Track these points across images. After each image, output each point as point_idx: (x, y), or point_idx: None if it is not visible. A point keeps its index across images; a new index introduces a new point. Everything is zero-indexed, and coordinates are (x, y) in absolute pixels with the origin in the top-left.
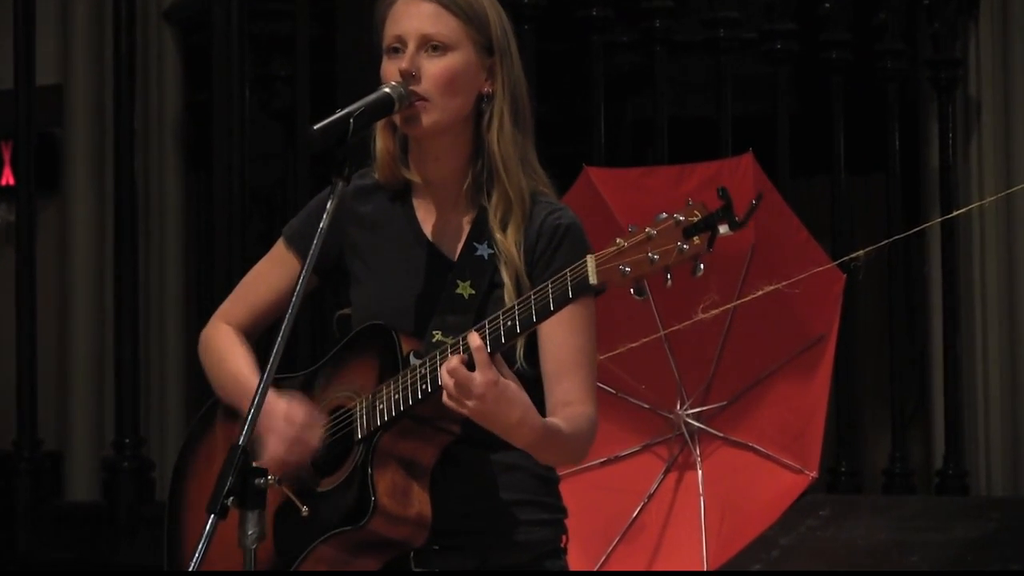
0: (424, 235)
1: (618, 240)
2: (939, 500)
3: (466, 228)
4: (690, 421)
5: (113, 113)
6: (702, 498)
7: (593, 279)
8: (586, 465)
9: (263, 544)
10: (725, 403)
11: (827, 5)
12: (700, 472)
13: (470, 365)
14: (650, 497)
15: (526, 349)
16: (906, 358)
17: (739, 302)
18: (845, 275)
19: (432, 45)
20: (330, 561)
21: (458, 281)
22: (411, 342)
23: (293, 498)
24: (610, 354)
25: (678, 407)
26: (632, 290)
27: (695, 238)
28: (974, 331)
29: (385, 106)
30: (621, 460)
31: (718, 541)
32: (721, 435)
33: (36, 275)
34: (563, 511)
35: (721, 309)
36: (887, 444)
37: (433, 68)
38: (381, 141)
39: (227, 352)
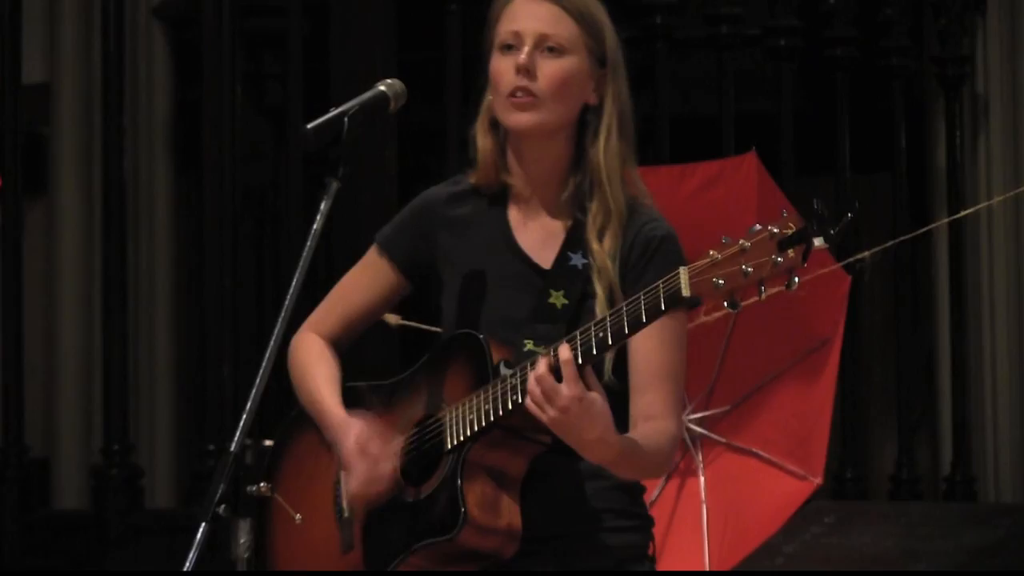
0: (515, 242)
1: (711, 252)
2: (947, 507)
3: (561, 237)
4: (692, 426)
5: (101, 112)
6: (704, 505)
7: (686, 291)
8: None
9: (351, 554)
10: (728, 408)
11: (832, 1)
12: (702, 479)
13: (558, 375)
14: (651, 504)
15: (615, 362)
16: (913, 361)
17: (742, 305)
18: (850, 277)
19: (549, 46)
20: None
21: (551, 290)
22: (502, 351)
23: (285, 506)
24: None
25: None
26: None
27: (790, 251)
28: (982, 334)
29: (381, 104)
30: None
31: (721, 549)
32: (724, 441)
33: (23, 277)
34: (650, 520)
35: (723, 312)
36: (893, 449)
37: (548, 68)
38: (483, 140)
39: (311, 366)
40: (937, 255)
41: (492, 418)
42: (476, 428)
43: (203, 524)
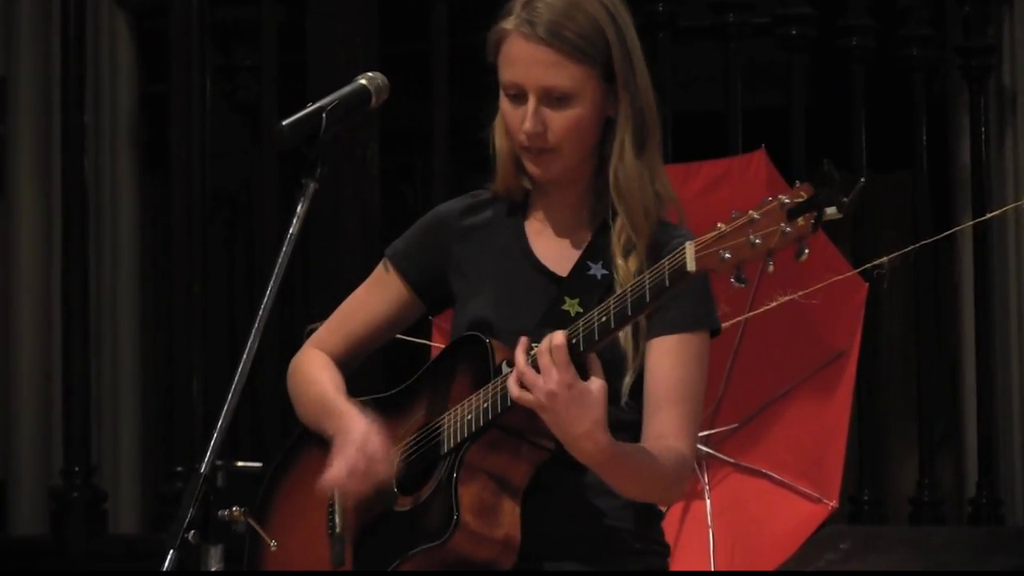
0: (530, 249)
1: (719, 225)
2: (972, 531)
3: (581, 245)
4: (697, 446)
5: (61, 107)
6: (711, 530)
7: (691, 265)
8: None
9: (344, 569)
10: (736, 426)
11: None
12: (708, 502)
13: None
14: None
15: (633, 388)
16: (935, 375)
17: (751, 314)
18: (868, 284)
19: (555, 97)
20: None
21: (566, 297)
22: (505, 351)
23: (261, 532)
24: None
25: None
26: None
27: (799, 219)
28: (1009, 345)
29: (361, 100)
30: None
31: None
32: (731, 461)
33: None
34: (667, 547)
35: (731, 322)
36: (914, 470)
37: (559, 121)
38: (501, 142)
39: (316, 375)
40: (961, 260)
41: (490, 416)
42: (474, 428)
43: (171, 551)
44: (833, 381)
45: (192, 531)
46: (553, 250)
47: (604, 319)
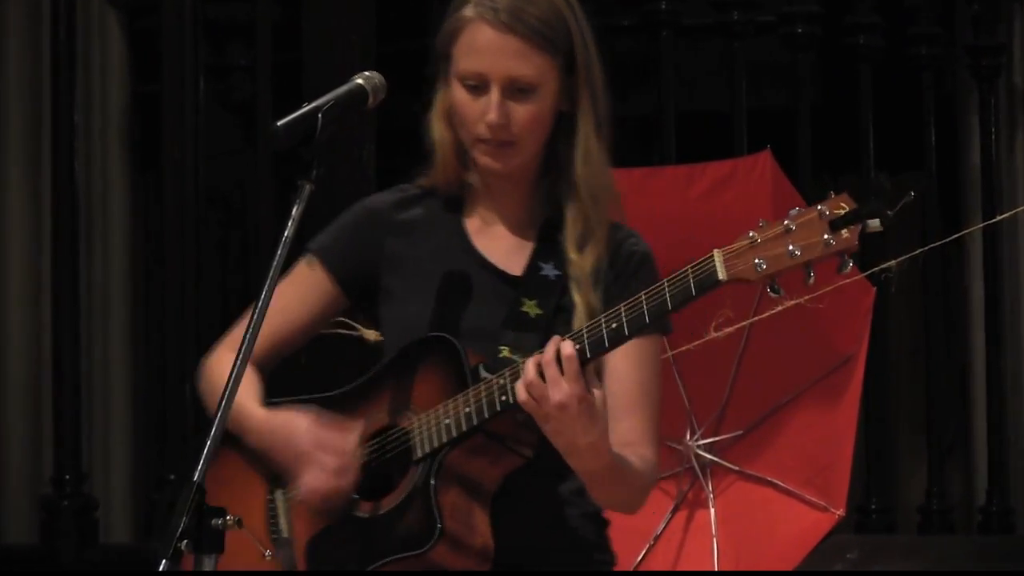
0: (474, 248)
1: (751, 233)
2: (982, 540)
3: (530, 244)
4: (701, 453)
5: (51, 107)
6: (715, 539)
7: (723, 275)
8: None
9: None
10: (740, 432)
11: None
12: (713, 510)
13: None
14: (656, 538)
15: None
16: (944, 381)
17: (756, 319)
18: (875, 288)
19: (519, 88)
20: None
21: (524, 299)
22: (476, 356)
23: (255, 542)
24: None
25: (687, 437)
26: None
27: (844, 231)
28: (1020, 350)
29: (358, 99)
30: None
31: None
32: (736, 468)
33: None
34: (615, 557)
35: (736, 327)
36: (923, 478)
37: (522, 113)
38: (441, 133)
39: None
40: (971, 263)
41: (475, 421)
42: (455, 434)
43: (163, 560)
44: (840, 387)
45: (185, 540)
46: (499, 249)
47: (615, 326)
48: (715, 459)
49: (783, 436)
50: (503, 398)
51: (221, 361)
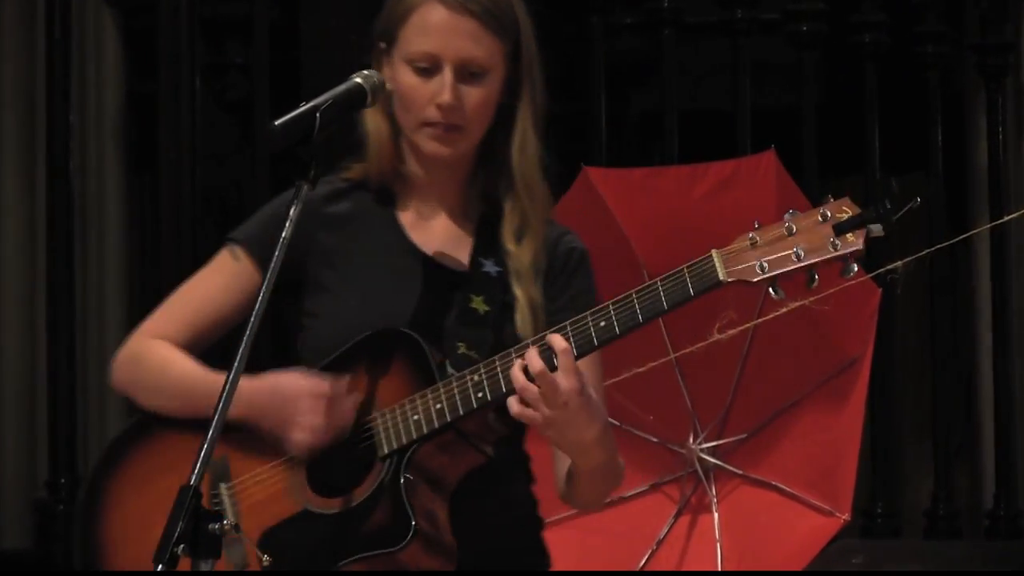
0: (411, 242)
1: (750, 235)
2: (989, 545)
3: (469, 239)
4: (705, 457)
5: (45, 106)
6: (719, 544)
7: (723, 275)
8: None
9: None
10: (744, 436)
11: None
12: (716, 515)
13: (551, 369)
14: (659, 543)
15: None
16: (951, 383)
17: (760, 320)
18: (881, 289)
19: (471, 71)
20: None
21: (471, 295)
22: (437, 353)
23: (255, 549)
24: (613, 380)
25: (691, 441)
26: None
27: (849, 235)
28: None
29: (356, 98)
30: (626, 501)
31: None
32: (740, 472)
33: None
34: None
35: (740, 329)
36: (929, 482)
37: (474, 98)
38: (375, 123)
39: (172, 360)
40: (978, 265)
41: (449, 418)
42: (426, 430)
43: (159, 566)
44: (845, 390)
45: (181, 545)
46: (438, 244)
47: (604, 324)
48: (719, 463)
49: (788, 439)
50: (479, 395)
51: (153, 345)
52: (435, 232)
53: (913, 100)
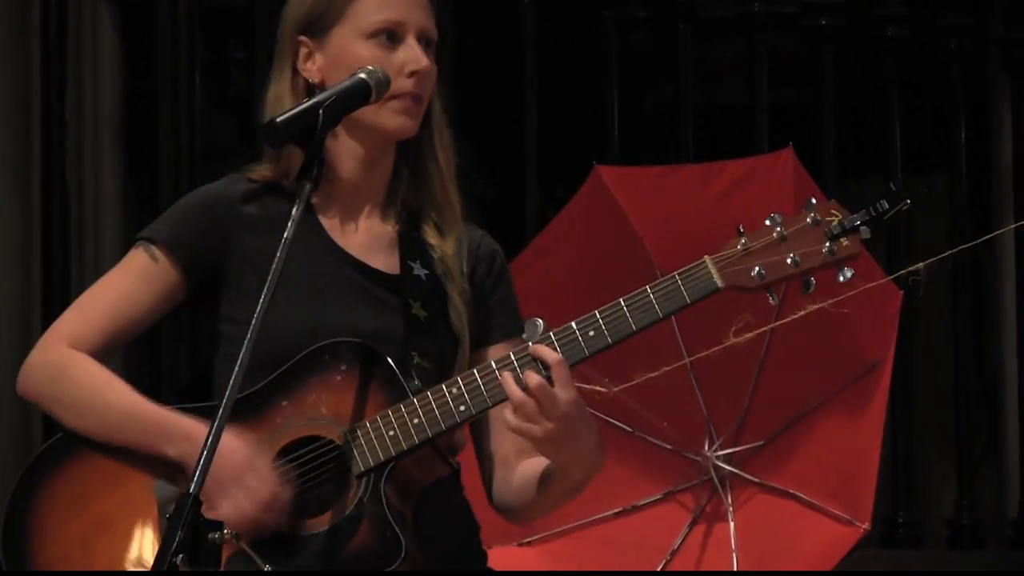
0: (337, 245)
1: (743, 240)
2: (1014, 556)
3: (392, 243)
4: (720, 464)
5: (40, 104)
6: (735, 555)
7: (720, 282)
8: (597, 516)
9: None
10: (761, 443)
11: None
12: (732, 524)
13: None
14: (673, 554)
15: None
16: (974, 388)
17: (777, 324)
18: (902, 292)
19: (427, 41)
20: None
21: (410, 301)
22: (399, 366)
23: (253, 556)
24: (625, 385)
25: (706, 448)
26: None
27: (843, 240)
28: None
29: (360, 94)
30: (639, 510)
31: None
32: (757, 481)
33: None
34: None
35: (756, 332)
36: (952, 490)
37: (431, 68)
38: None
39: (105, 382)
40: (1002, 266)
41: (431, 433)
42: (405, 446)
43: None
44: (866, 395)
45: (181, 555)
46: (362, 247)
47: (592, 333)
48: (735, 471)
49: (806, 446)
50: (461, 408)
51: (73, 359)
52: (359, 236)
53: (935, 96)
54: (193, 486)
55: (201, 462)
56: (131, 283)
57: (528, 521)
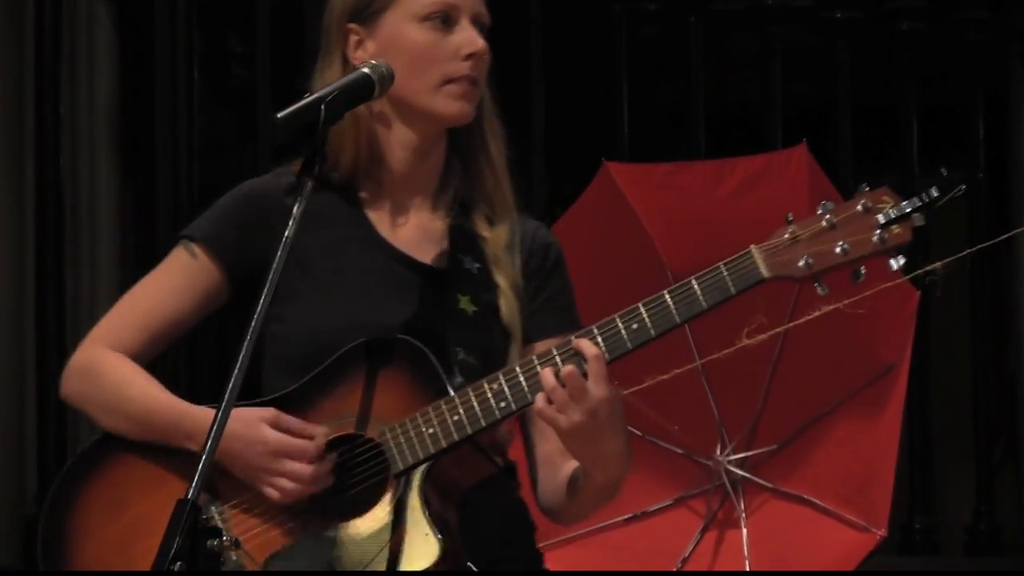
0: (385, 240)
1: (791, 229)
2: None
3: (441, 234)
4: (732, 469)
5: (34, 99)
6: (747, 561)
7: (766, 272)
8: (607, 523)
9: None
10: (775, 447)
11: None
12: (745, 530)
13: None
14: (685, 561)
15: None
16: (993, 391)
17: (791, 325)
18: (919, 292)
19: (481, 26)
20: None
21: (458, 295)
22: (440, 362)
23: (257, 562)
24: (636, 388)
25: (718, 452)
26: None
27: (895, 227)
28: None
29: (363, 89)
30: (650, 516)
31: None
32: (770, 486)
33: None
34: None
35: (769, 334)
36: (970, 495)
37: (487, 51)
38: (351, 113)
39: (131, 379)
40: (1021, 265)
41: (470, 430)
42: (444, 444)
43: None
44: (881, 398)
45: (179, 562)
46: (413, 242)
47: (636, 326)
48: (747, 476)
49: (820, 451)
50: (502, 404)
51: (108, 359)
52: (409, 230)
53: (952, 91)
54: (191, 491)
55: (201, 467)
56: (170, 281)
57: (567, 524)
